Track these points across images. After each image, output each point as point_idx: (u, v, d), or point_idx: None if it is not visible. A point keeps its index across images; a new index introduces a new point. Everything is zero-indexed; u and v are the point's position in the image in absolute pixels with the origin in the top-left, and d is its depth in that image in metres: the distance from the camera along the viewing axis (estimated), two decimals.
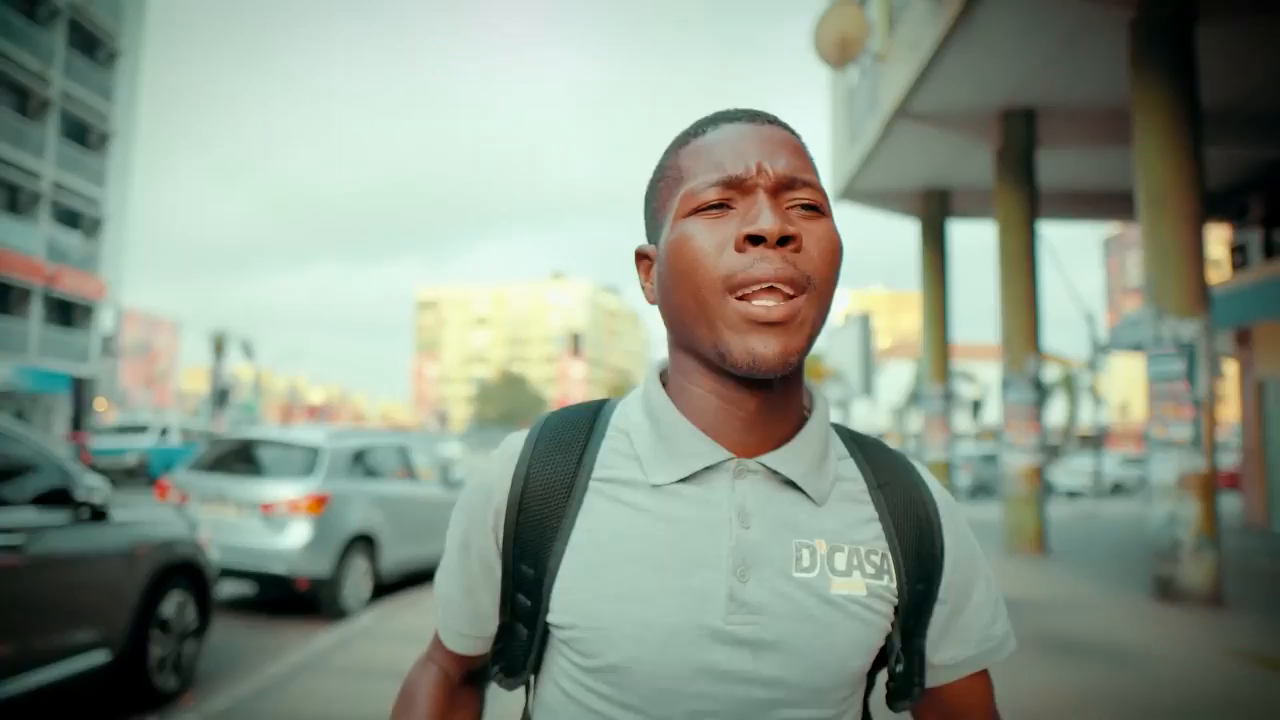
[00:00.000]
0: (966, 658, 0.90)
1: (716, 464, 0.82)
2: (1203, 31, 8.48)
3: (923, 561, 0.85)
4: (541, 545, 0.82)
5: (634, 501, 0.82)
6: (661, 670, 0.78)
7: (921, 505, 0.87)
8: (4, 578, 3.68)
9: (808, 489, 0.83)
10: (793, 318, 0.76)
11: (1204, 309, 7.95)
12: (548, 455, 0.85)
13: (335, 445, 7.55)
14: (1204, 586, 7.75)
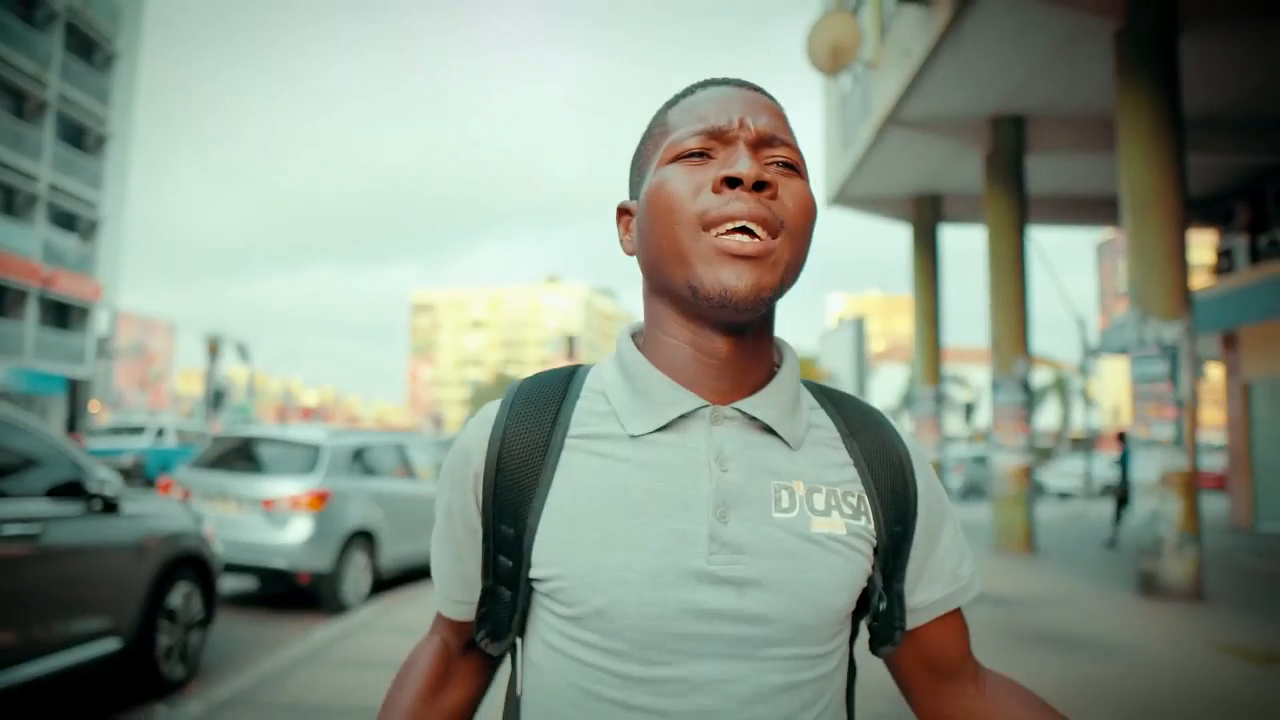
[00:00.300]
0: (939, 598, 0.92)
1: (692, 411, 0.83)
2: (1186, 41, 8.67)
3: (897, 505, 0.87)
4: (520, 505, 0.83)
5: (612, 453, 0.82)
6: (647, 612, 0.78)
7: (894, 451, 0.89)
8: (21, 566, 3.82)
9: (783, 433, 0.84)
10: (766, 254, 0.77)
11: (1186, 312, 8.12)
12: (523, 417, 0.85)
13: (335, 443, 7.70)
14: (1186, 582, 7.93)
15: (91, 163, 32.08)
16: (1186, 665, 5.77)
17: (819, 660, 0.83)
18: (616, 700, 0.79)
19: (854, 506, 0.84)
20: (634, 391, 0.84)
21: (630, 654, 0.79)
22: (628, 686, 0.79)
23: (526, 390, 0.88)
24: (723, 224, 0.77)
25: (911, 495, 0.88)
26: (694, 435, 0.82)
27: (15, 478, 4.01)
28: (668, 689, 0.78)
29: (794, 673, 0.81)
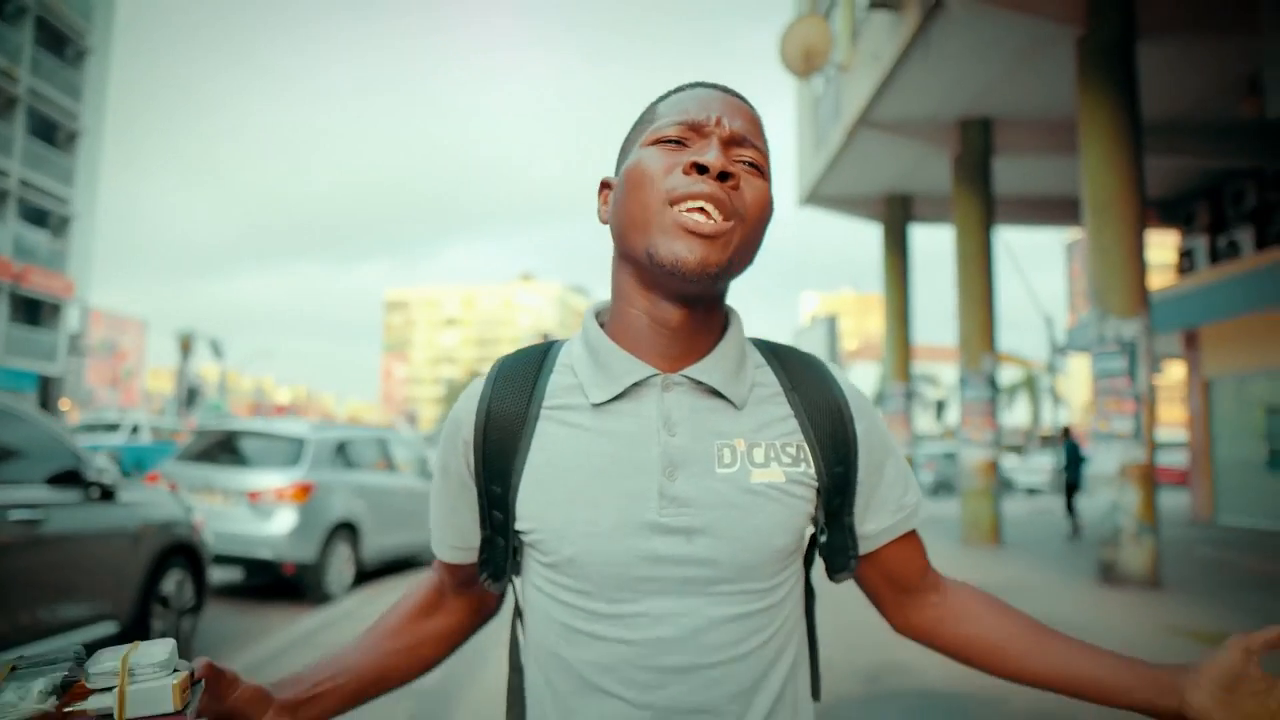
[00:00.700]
0: (887, 526, 1.02)
1: (645, 380, 0.93)
2: (1146, 49, 8.98)
3: (837, 448, 0.96)
4: (505, 467, 0.94)
5: (578, 423, 0.93)
6: (609, 558, 0.90)
7: (832, 399, 0.98)
8: (25, 551, 3.97)
9: (727, 394, 0.94)
10: (719, 234, 0.86)
11: (1144, 310, 8.43)
12: (504, 391, 0.96)
13: (319, 436, 7.84)
14: (1144, 570, 8.24)
15: (63, 158, 31.83)
16: (1140, 646, 6.06)
17: (765, 593, 0.93)
18: (589, 632, 0.91)
19: (793, 455, 0.94)
20: (595, 364, 0.94)
21: (598, 594, 0.91)
22: (597, 621, 0.91)
23: (507, 366, 0.99)
24: (685, 201, 0.86)
25: (851, 438, 0.97)
26: (647, 403, 0.93)
27: (16, 465, 4.15)
28: (630, 622, 0.90)
29: (741, 605, 0.92)
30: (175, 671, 0.74)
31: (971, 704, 4.68)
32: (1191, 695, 0.90)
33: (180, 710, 0.72)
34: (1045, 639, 1.01)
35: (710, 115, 0.91)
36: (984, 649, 1.04)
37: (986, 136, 12.24)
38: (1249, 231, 14.56)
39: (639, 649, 0.90)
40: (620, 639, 0.90)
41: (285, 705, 0.95)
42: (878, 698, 4.75)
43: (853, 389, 1.01)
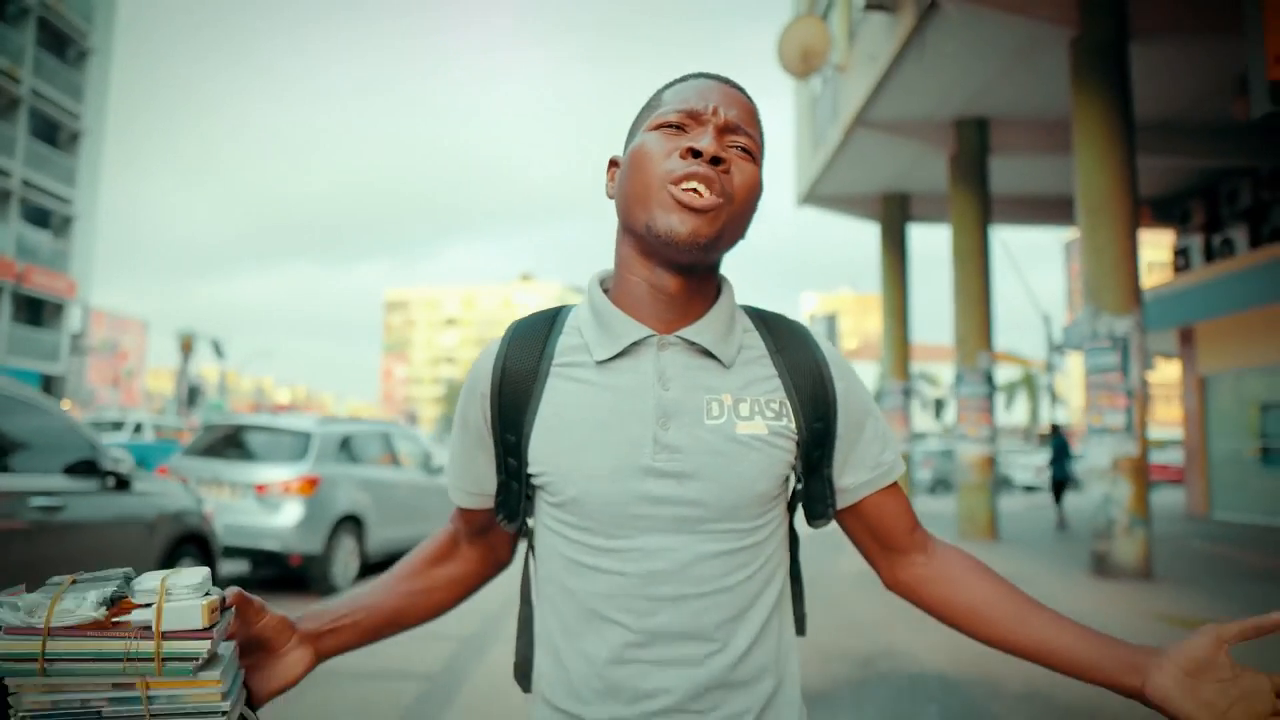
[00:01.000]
0: (864, 481, 1.10)
1: (643, 340, 1.02)
2: (1139, 50, 9.11)
3: (817, 405, 1.05)
4: (518, 418, 1.04)
5: (584, 378, 1.03)
6: (609, 498, 0.99)
7: (813, 362, 1.07)
8: (45, 536, 4.10)
9: (717, 354, 1.03)
10: (709, 209, 0.95)
11: (1137, 307, 8.57)
12: (518, 350, 1.06)
13: (325, 431, 7.97)
14: (1135, 561, 8.37)
15: (65, 159, 31.95)
16: (1126, 631, 6.15)
17: (749, 533, 1.03)
18: (591, 565, 1.01)
19: (776, 410, 1.03)
20: (599, 326, 1.04)
21: (598, 530, 1.01)
22: (598, 555, 1.01)
23: (521, 328, 1.08)
24: (681, 181, 0.96)
25: (830, 397, 1.06)
26: (644, 360, 1.02)
27: (37, 455, 4.28)
28: (627, 556, 1.00)
29: (726, 542, 1.01)
30: (207, 595, 0.85)
31: (960, 685, 4.81)
32: (1155, 677, 0.95)
33: (208, 628, 0.82)
34: (1026, 609, 1.07)
35: (708, 104, 1.00)
36: (965, 612, 1.10)
37: (983, 136, 12.36)
38: (1243, 229, 14.68)
39: (634, 580, 1.00)
40: (618, 571, 1.00)
41: (307, 635, 1.05)
42: (870, 680, 4.88)
43: (834, 354, 1.09)
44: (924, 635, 5.96)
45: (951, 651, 5.48)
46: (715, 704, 1.00)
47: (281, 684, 1.01)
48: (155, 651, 0.81)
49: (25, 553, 3.96)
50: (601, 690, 1.01)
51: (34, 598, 0.83)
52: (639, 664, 1.00)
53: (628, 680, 1.00)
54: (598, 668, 1.01)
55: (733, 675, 1.01)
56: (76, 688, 0.83)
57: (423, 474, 9.40)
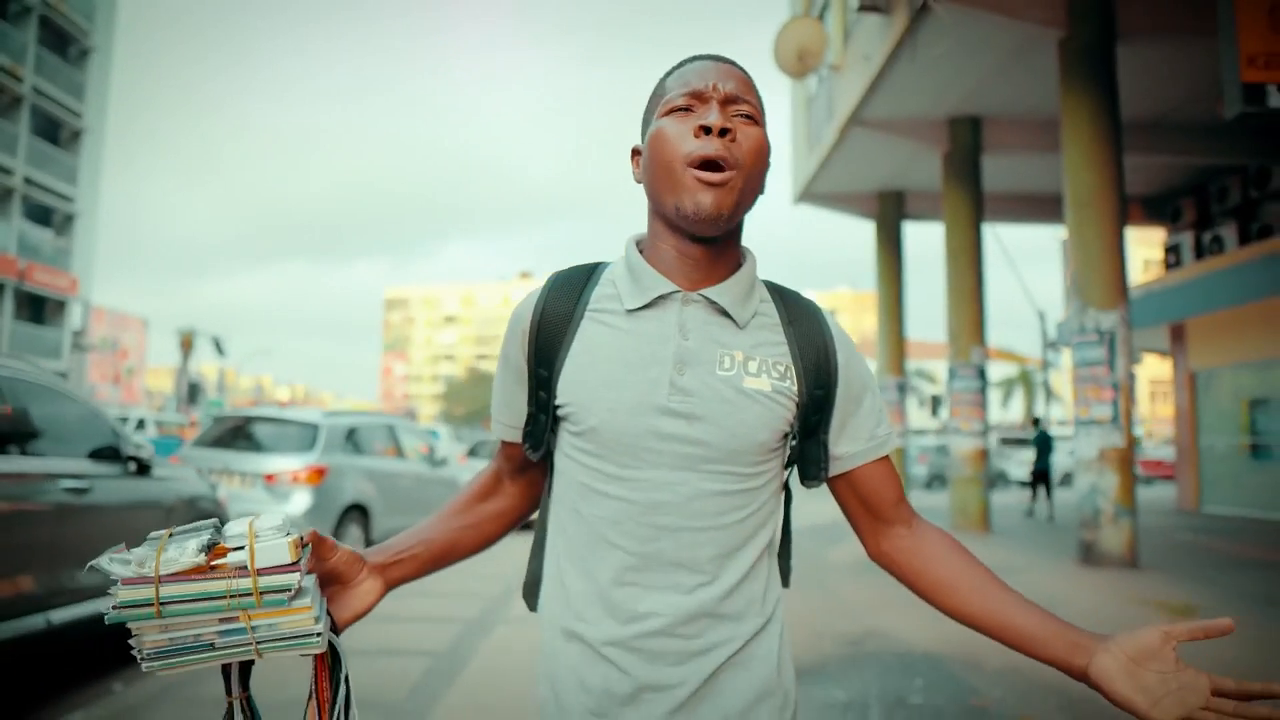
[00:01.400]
0: (858, 451, 1.19)
1: (668, 294, 1.13)
2: (1129, 51, 9.33)
3: (819, 374, 1.15)
4: (552, 355, 1.15)
5: (613, 324, 1.14)
6: (624, 430, 1.09)
7: (820, 336, 1.17)
8: (72, 517, 4.30)
9: (733, 314, 1.13)
10: (725, 183, 1.06)
11: (1123, 302, 8.79)
12: (557, 295, 1.18)
13: (331, 423, 8.18)
14: (1121, 550, 8.59)
15: (66, 157, 32.11)
16: (1107, 615, 6.41)
17: (747, 478, 1.13)
18: (602, 491, 1.12)
19: (780, 373, 1.13)
20: (631, 279, 1.15)
21: (611, 459, 1.11)
22: (609, 482, 1.12)
23: (561, 277, 1.21)
24: (698, 161, 1.06)
25: (832, 369, 1.16)
26: (669, 312, 1.13)
27: (64, 440, 4.48)
28: (634, 485, 1.10)
29: (725, 483, 1.11)
30: (289, 534, 0.95)
31: (944, 662, 5.03)
32: (1100, 659, 1.02)
33: (295, 562, 0.93)
34: (989, 588, 1.14)
35: (708, 83, 1.10)
36: (934, 584, 1.18)
37: (975, 135, 12.57)
38: (1232, 227, 14.90)
39: (639, 507, 1.10)
40: (625, 498, 1.11)
41: (375, 567, 1.14)
42: (859, 658, 5.10)
43: (840, 333, 1.20)
44: (911, 618, 6.17)
45: (937, 633, 5.70)
46: (701, 631, 1.10)
47: (357, 612, 1.12)
48: (253, 587, 0.92)
49: (55, 531, 4.16)
50: (600, 610, 1.11)
51: (141, 551, 0.93)
52: (635, 587, 1.10)
53: (624, 601, 1.10)
54: (599, 587, 1.11)
55: (720, 607, 1.11)
56: (188, 625, 0.93)
57: (427, 466, 9.61)
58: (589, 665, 1.11)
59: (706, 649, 1.10)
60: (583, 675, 1.12)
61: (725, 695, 1.11)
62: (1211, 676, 0.98)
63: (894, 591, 7.38)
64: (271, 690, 2.00)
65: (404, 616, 6.20)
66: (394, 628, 5.80)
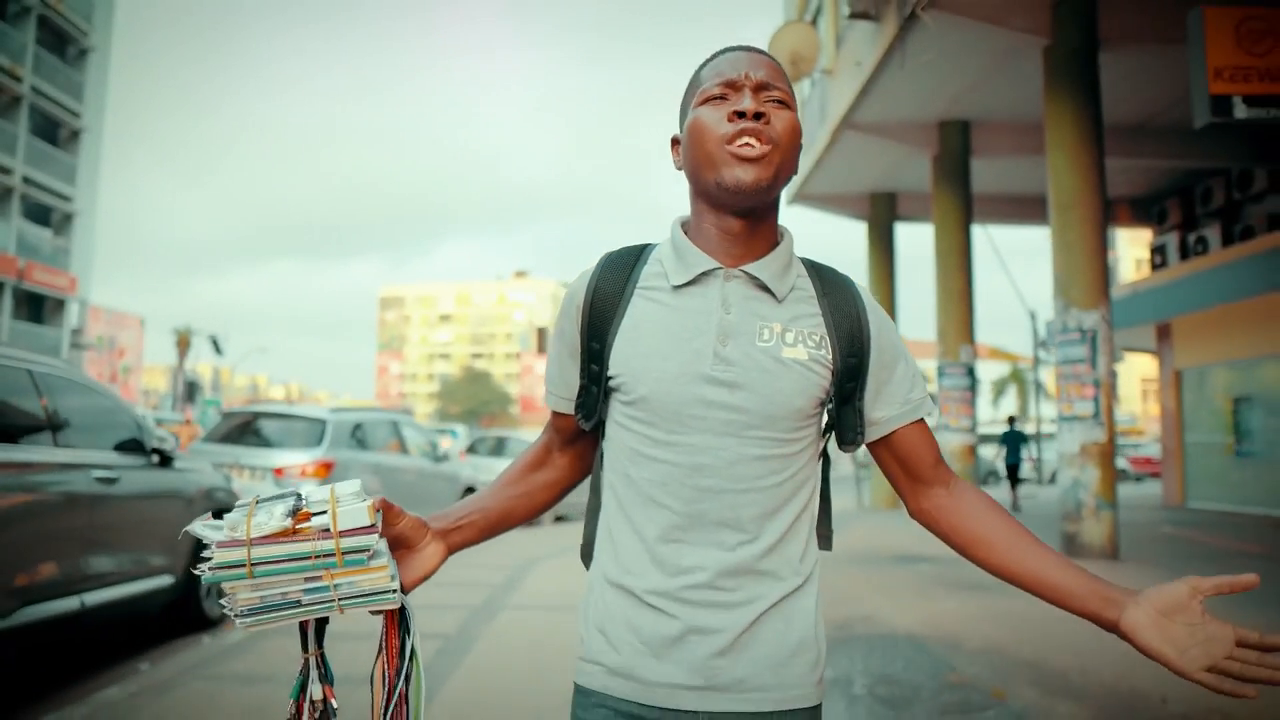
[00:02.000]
0: (895, 414, 1.24)
1: (712, 270, 1.19)
2: (1113, 58, 9.60)
3: (853, 343, 1.20)
4: (604, 329, 1.21)
5: (661, 300, 1.20)
6: (671, 399, 1.15)
7: (853, 306, 1.23)
8: (105, 503, 4.56)
9: (772, 288, 1.19)
10: (763, 158, 1.13)
11: (1104, 302, 9.07)
12: (609, 274, 1.24)
13: (338, 419, 8.44)
14: (1102, 542, 8.88)
15: (65, 157, 32.27)
16: None
17: (786, 443, 1.18)
18: (650, 455, 1.18)
19: (816, 342, 1.19)
20: (677, 258, 1.21)
21: (660, 425, 1.17)
22: (657, 446, 1.18)
23: (612, 257, 1.28)
24: (735, 140, 1.13)
25: (865, 337, 1.22)
26: (712, 287, 1.19)
27: (93, 432, 4.73)
28: (680, 449, 1.16)
29: (765, 448, 1.17)
30: (366, 499, 1.04)
31: (926, 643, 5.31)
32: (1130, 612, 1.07)
33: (373, 524, 1.02)
34: (1025, 543, 1.20)
35: (740, 71, 1.17)
36: (972, 540, 1.24)
37: (964, 138, 12.85)
38: (1216, 228, 15.19)
39: (684, 470, 1.16)
40: (672, 462, 1.17)
41: (438, 533, 1.22)
42: (847, 640, 5.37)
43: (873, 304, 1.26)
44: (896, 605, 6.46)
45: (920, 618, 5.98)
46: (740, 585, 1.16)
47: (423, 573, 1.19)
48: (335, 548, 1.00)
49: (88, 517, 4.41)
50: (647, 563, 1.17)
51: (233, 517, 1.01)
52: (680, 543, 1.16)
53: (670, 556, 1.16)
54: (646, 544, 1.18)
55: (759, 564, 1.17)
56: (277, 584, 1.01)
57: (429, 461, 9.87)
58: (637, 612, 1.17)
59: (746, 601, 1.16)
60: (631, 619, 1.18)
61: (767, 643, 1.16)
62: (1236, 628, 1.03)
63: (881, 580, 7.69)
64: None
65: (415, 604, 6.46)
66: None
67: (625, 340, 1.20)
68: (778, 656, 1.17)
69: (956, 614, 6.12)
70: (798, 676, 1.17)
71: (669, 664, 1.15)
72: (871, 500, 16.46)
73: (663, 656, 1.15)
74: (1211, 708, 4.01)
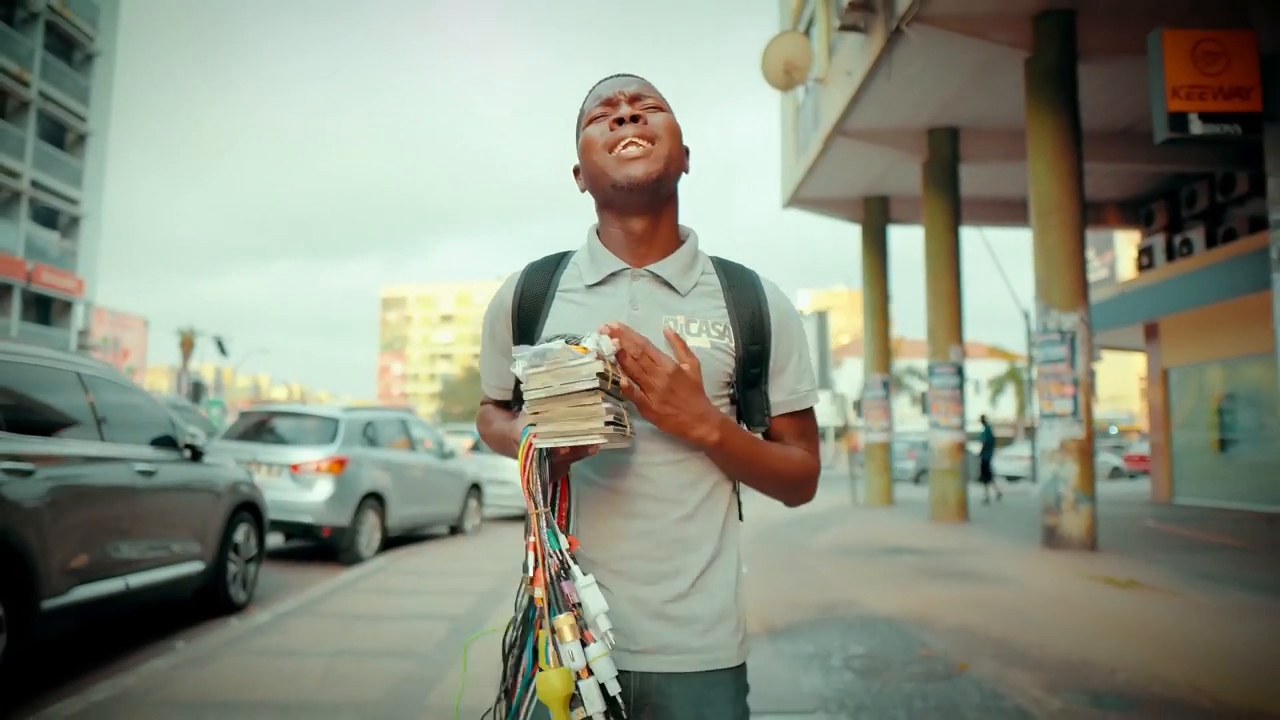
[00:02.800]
0: (782, 400, 1.37)
1: (619, 270, 1.32)
2: (1094, 68, 9.96)
3: (754, 332, 1.33)
4: (531, 328, 1.35)
5: (576, 300, 1.33)
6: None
7: (755, 299, 1.35)
8: (146, 493, 4.96)
9: (675, 285, 1.31)
10: (647, 154, 1.27)
11: (1083, 304, 9.47)
12: (532, 280, 1.38)
13: (350, 417, 8.85)
14: (1081, 534, 9.28)
15: (72, 161, 32.68)
16: (1058, 587, 7.11)
17: None
18: None
19: (719, 331, 1.31)
20: (590, 260, 1.36)
21: None
22: None
23: (534, 266, 1.42)
24: (617, 144, 1.28)
25: (766, 328, 1.34)
26: (620, 287, 1.33)
27: (132, 428, 5.14)
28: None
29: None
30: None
31: (901, 624, 5.71)
32: None
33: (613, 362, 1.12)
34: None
35: (615, 90, 1.33)
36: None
37: (953, 144, 13.23)
38: (1200, 230, 15.59)
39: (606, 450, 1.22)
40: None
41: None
42: (828, 621, 5.77)
43: (777, 298, 1.38)
44: (880, 593, 6.86)
45: (900, 603, 6.38)
46: (669, 556, 1.27)
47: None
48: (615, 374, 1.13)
49: (131, 506, 4.81)
50: (587, 536, 1.28)
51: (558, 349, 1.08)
52: (613, 517, 1.28)
53: (603, 528, 1.28)
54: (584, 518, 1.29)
55: (682, 532, 1.28)
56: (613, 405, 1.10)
57: (436, 458, 10.29)
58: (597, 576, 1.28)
59: (675, 572, 1.27)
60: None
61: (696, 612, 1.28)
62: None
63: (866, 570, 8.12)
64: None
65: (429, 590, 6.91)
66: (419, 599, 6.52)
67: (549, 336, 1.29)
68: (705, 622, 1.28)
69: (934, 600, 6.52)
70: (722, 639, 1.30)
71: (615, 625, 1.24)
72: (865, 498, 16.84)
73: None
74: (1153, 676, 4.42)
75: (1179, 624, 5.75)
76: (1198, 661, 4.76)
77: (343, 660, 4.72)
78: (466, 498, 11.08)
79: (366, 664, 4.68)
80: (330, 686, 4.24)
